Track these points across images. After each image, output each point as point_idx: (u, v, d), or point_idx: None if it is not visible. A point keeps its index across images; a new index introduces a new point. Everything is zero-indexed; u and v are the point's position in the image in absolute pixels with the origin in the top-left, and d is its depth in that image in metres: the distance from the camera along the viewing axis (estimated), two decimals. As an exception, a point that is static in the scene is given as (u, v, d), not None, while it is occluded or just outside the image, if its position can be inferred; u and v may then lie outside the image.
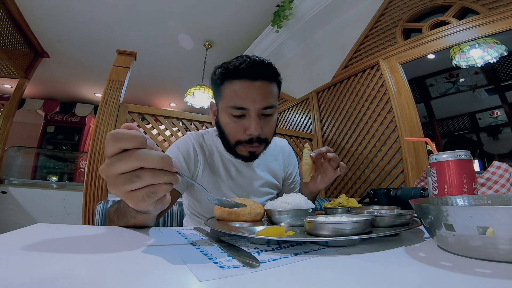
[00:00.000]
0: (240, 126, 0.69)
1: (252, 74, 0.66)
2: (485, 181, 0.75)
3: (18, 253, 0.29)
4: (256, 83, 0.66)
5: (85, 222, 1.24)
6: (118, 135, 0.31)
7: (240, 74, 0.66)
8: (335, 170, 0.70)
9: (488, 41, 1.57)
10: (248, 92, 0.66)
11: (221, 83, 0.69)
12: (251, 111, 0.67)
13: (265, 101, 0.67)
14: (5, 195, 2.73)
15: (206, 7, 2.77)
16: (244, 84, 0.66)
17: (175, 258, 0.31)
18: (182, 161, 0.74)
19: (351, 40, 2.22)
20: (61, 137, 5.22)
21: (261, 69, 0.67)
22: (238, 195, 0.80)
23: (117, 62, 1.50)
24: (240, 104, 0.66)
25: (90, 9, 2.80)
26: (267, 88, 0.68)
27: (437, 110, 2.53)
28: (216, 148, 0.81)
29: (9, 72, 3.22)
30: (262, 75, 0.67)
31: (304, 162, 0.68)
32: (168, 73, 4.24)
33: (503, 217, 0.26)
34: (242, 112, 0.67)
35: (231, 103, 0.67)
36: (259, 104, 0.67)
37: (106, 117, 1.38)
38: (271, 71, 0.69)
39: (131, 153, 0.31)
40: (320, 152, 0.68)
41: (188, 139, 0.79)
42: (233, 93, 0.67)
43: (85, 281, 0.23)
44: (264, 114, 0.69)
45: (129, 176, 0.32)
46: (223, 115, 0.71)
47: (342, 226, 0.35)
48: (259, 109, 0.67)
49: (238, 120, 0.69)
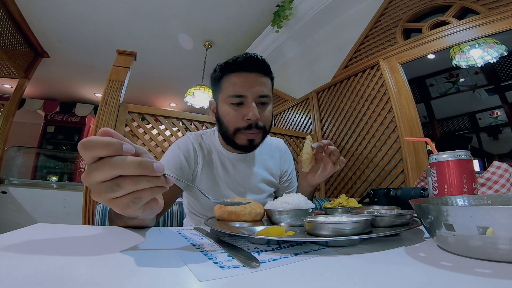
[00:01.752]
0: (239, 113, 0.74)
1: (248, 67, 0.73)
2: (485, 181, 0.75)
3: (18, 253, 0.29)
4: (252, 74, 0.74)
5: (85, 222, 1.24)
6: (88, 143, 0.29)
7: (238, 67, 0.73)
8: (335, 164, 0.73)
9: (488, 41, 1.57)
10: (245, 81, 0.73)
11: (221, 77, 0.76)
12: (249, 97, 0.73)
13: (260, 89, 0.74)
14: (5, 195, 2.73)
15: (206, 7, 2.77)
16: (241, 75, 0.73)
17: (175, 258, 0.31)
18: (183, 159, 0.77)
19: (351, 40, 2.22)
20: (61, 137, 5.22)
21: (256, 63, 0.74)
22: (235, 191, 0.82)
23: (117, 62, 1.50)
24: (239, 92, 0.72)
25: (90, 9, 2.80)
26: (262, 79, 0.75)
27: (437, 110, 2.53)
28: (214, 147, 0.84)
29: (9, 72, 3.21)
30: (257, 68, 0.74)
31: (304, 151, 0.69)
32: (168, 73, 4.24)
33: (503, 217, 0.26)
34: (241, 99, 0.73)
35: (231, 92, 0.73)
36: (255, 92, 0.73)
37: (106, 117, 1.38)
38: (265, 66, 0.76)
39: (105, 162, 0.30)
40: (321, 145, 0.71)
41: (188, 139, 0.83)
42: (232, 83, 0.74)
43: (85, 281, 0.23)
44: (261, 103, 0.75)
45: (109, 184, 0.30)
46: (222, 106, 0.76)
47: (342, 226, 0.35)
48: (256, 96, 0.73)
49: (237, 108, 0.74)
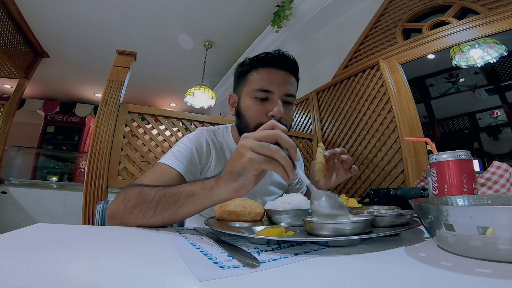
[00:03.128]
0: (263, 109, 0.73)
1: (279, 63, 0.73)
2: (485, 181, 0.75)
3: (18, 253, 0.29)
4: (282, 71, 0.73)
5: (85, 222, 1.24)
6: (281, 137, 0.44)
7: (269, 62, 0.73)
8: (347, 171, 0.73)
9: (488, 41, 1.57)
10: (274, 77, 0.73)
11: (249, 70, 0.76)
12: (275, 94, 0.72)
13: (288, 87, 0.74)
14: (5, 195, 2.73)
15: (206, 7, 2.77)
16: (271, 70, 0.73)
17: (175, 258, 0.31)
18: (194, 152, 0.74)
19: (351, 40, 2.22)
20: (61, 137, 5.22)
21: (287, 61, 0.74)
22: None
23: (117, 62, 1.50)
24: (266, 87, 0.72)
25: (90, 9, 2.80)
26: (291, 78, 0.75)
27: (437, 110, 2.53)
28: (227, 144, 0.82)
29: (9, 72, 3.21)
30: (288, 66, 0.74)
31: (317, 161, 0.69)
32: (168, 73, 4.24)
33: (503, 217, 0.26)
34: (267, 95, 0.72)
35: (258, 86, 0.73)
36: (283, 89, 0.73)
37: (106, 117, 1.38)
38: (295, 66, 0.76)
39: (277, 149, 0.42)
40: (334, 153, 0.71)
41: (200, 134, 0.80)
42: (260, 78, 0.73)
43: (85, 281, 0.23)
44: (286, 102, 0.75)
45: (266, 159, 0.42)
46: (245, 100, 0.76)
47: (342, 226, 0.35)
48: (283, 94, 0.73)
49: (262, 103, 0.73)
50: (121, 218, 0.52)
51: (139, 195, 0.52)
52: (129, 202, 0.52)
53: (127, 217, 0.51)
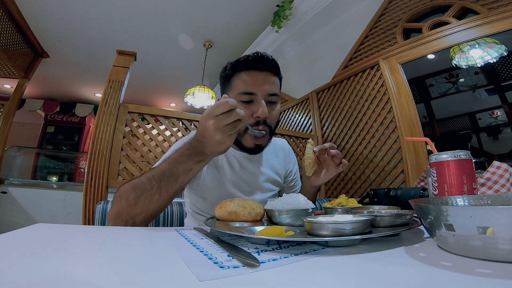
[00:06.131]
0: (248, 111, 0.74)
1: (259, 65, 0.75)
2: (485, 181, 0.75)
3: (18, 253, 0.29)
4: (263, 73, 0.75)
5: (85, 222, 1.24)
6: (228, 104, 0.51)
7: (249, 65, 0.75)
8: (338, 166, 0.74)
9: (488, 41, 1.57)
10: (256, 79, 0.74)
11: (231, 75, 0.78)
12: (259, 95, 0.74)
13: (270, 88, 0.75)
14: (5, 195, 2.73)
15: (206, 7, 2.77)
16: (252, 73, 0.75)
17: (175, 258, 0.31)
18: None
19: (351, 40, 2.22)
20: (61, 137, 5.22)
21: (266, 62, 0.76)
22: (241, 190, 0.81)
23: (117, 62, 1.50)
24: (249, 90, 0.74)
25: (90, 9, 2.80)
26: (272, 78, 0.77)
27: (437, 110, 2.53)
28: None
29: (9, 72, 3.21)
30: (268, 67, 0.76)
31: (306, 156, 0.70)
32: (168, 73, 4.24)
33: (503, 217, 0.26)
34: (251, 97, 0.74)
35: (241, 89, 0.74)
36: (265, 90, 0.74)
37: (106, 117, 1.37)
38: (275, 65, 0.78)
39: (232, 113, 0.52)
40: (323, 148, 0.72)
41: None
42: (242, 81, 0.75)
43: (85, 281, 0.23)
44: (270, 102, 0.76)
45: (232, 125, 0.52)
46: None
47: (342, 226, 0.35)
48: (266, 94, 0.75)
49: (247, 106, 0.74)
50: (127, 213, 0.54)
51: (134, 187, 0.55)
52: (129, 197, 0.54)
53: (133, 210, 0.54)
